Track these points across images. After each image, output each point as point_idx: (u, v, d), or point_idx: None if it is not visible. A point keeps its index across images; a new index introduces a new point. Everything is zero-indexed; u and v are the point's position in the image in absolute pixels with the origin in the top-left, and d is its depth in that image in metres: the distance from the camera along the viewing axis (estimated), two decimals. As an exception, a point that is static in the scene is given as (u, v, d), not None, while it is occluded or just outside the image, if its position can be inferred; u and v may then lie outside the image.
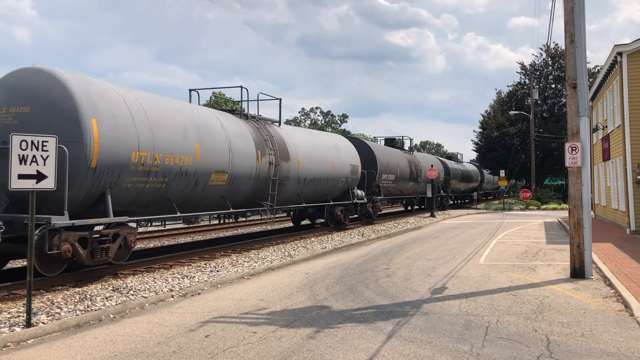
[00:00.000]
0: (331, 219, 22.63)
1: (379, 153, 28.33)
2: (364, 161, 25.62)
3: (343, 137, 26.36)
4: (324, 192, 21.62)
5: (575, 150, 11.40)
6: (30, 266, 8.02)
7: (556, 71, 53.49)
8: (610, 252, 14.68)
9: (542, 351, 6.50)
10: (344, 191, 23.41)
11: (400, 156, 32.49)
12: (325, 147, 21.84)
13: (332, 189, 22.16)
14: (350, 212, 24.14)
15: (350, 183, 23.53)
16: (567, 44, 11.56)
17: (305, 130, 26.36)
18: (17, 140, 7.68)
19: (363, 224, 26.23)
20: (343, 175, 22.65)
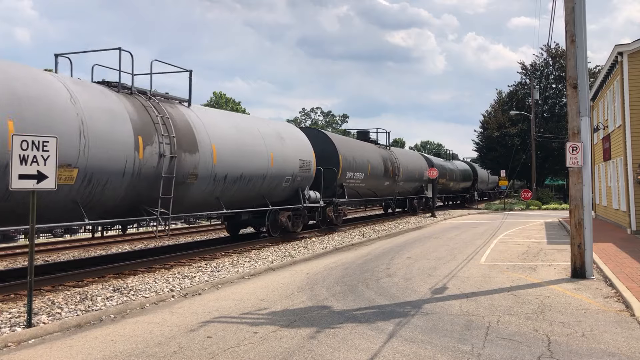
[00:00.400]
0: (275, 228, 18.73)
1: (342, 147, 23.86)
2: (323, 156, 21.82)
3: (291, 126, 22.22)
4: (261, 195, 17.36)
5: (576, 150, 11.40)
6: (31, 266, 8.02)
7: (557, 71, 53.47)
8: (611, 252, 14.67)
9: (543, 351, 6.50)
10: (291, 193, 19.36)
11: (372, 151, 27.73)
12: (261, 137, 17.24)
13: (273, 190, 17.97)
14: (301, 218, 20.13)
15: (300, 182, 19.46)
16: (568, 44, 11.56)
17: (233, 114, 19.41)
18: (18, 141, 7.68)
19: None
20: (288, 172, 18.50)
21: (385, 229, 24.24)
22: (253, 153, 16.46)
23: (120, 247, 18.39)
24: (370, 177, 26.38)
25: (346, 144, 25.26)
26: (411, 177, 33.38)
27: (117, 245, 18.82)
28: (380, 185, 28.41)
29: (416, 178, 34.51)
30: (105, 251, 17.07)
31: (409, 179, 33.08)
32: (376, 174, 27.23)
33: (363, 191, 26.51)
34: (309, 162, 20.06)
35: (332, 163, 22.40)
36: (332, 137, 23.84)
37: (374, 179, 27.16)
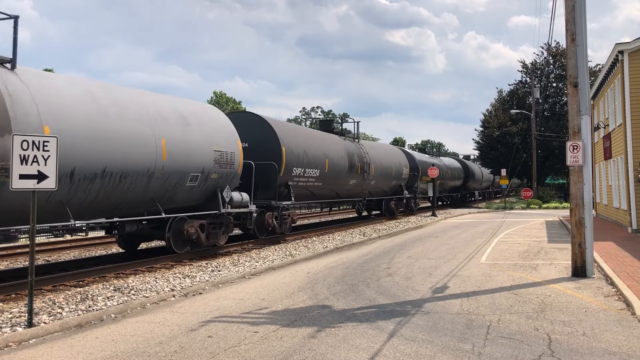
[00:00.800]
0: (180, 241, 14.17)
1: (287, 136, 19.14)
2: (259, 148, 17.91)
3: (206, 105, 16.75)
4: (150, 198, 12.83)
5: (577, 149, 11.39)
6: (32, 266, 8.02)
7: (557, 70, 53.46)
8: (612, 251, 14.67)
9: (544, 350, 6.50)
10: (206, 195, 14.81)
11: (333, 144, 22.97)
12: (147, 117, 12.63)
13: (171, 191, 13.37)
14: (222, 228, 15.47)
15: (217, 181, 14.81)
16: (568, 42, 11.55)
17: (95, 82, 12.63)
18: (18, 141, 7.69)
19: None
20: (195, 168, 13.80)
21: (386, 229, 24.23)
22: (127, 140, 11.79)
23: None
24: (329, 175, 21.69)
25: (293, 132, 20.50)
26: (386, 175, 28.88)
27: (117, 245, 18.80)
28: (343, 185, 23.78)
29: (393, 176, 29.85)
30: (106, 251, 17.07)
31: (384, 177, 28.50)
32: (337, 171, 22.60)
33: (320, 191, 21.80)
34: (230, 154, 15.11)
35: (272, 156, 18.04)
36: (273, 123, 18.97)
37: (335, 177, 22.45)
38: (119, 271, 12.43)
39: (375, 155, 27.46)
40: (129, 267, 12.80)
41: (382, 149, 30.77)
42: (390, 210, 30.61)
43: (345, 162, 23.63)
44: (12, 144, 7.65)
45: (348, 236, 20.70)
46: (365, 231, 22.66)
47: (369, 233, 21.90)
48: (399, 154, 32.57)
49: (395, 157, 31.23)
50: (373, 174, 26.65)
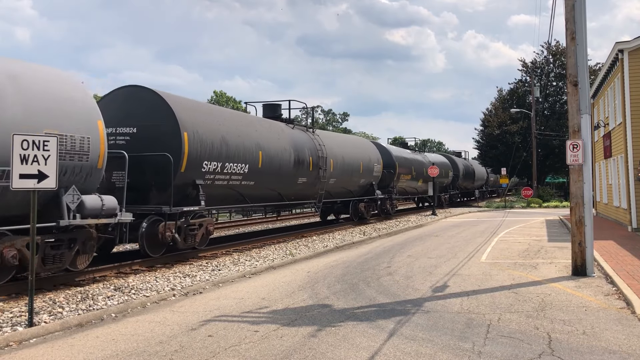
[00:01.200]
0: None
1: (191, 117, 14.14)
2: (149, 132, 13.51)
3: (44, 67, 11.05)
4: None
5: (577, 148, 11.39)
6: (32, 265, 8.03)
7: (557, 69, 53.47)
8: (612, 249, 14.67)
9: (544, 349, 6.50)
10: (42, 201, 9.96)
11: (272, 132, 18.15)
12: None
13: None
14: (73, 246, 10.92)
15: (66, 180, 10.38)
16: (568, 41, 11.55)
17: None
18: (18, 140, 7.69)
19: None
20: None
21: (386, 228, 24.23)
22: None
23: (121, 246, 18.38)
24: (264, 171, 16.97)
25: (203, 114, 14.98)
26: (351, 172, 24.11)
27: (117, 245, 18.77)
28: (289, 184, 19.06)
29: (361, 173, 25.06)
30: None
31: (348, 175, 23.74)
32: (277, 167, 17.77)
33: (252, 192, 16.89)
34: (81, 141, 10.64)
35: (167, 145, 13.32)
36: (170, 100, 13.89)
37: (274, 175, 17.71)
38: (119, 270, 12.43)
39: (335, 148, 22.72)
40: (129, 267, 12.80)
41: (346, 141, 25.59)
42: (359, 214, 25.83)
43: (291, 156, 18.76)
44: (12, 144, 7.65)
45: (348, 235, 20.70)
46: (366, 230, 22.66)
47: (369, 232, 21.90)
48: (368, 147, 27.49)
49: (363, 151, 26.15)
50: (332, 170, 21.90)
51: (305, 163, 19.92)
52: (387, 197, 29.09)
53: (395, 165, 29.55)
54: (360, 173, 25.11)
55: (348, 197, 25.02)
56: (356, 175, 24.84)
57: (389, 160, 29.29)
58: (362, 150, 26.20)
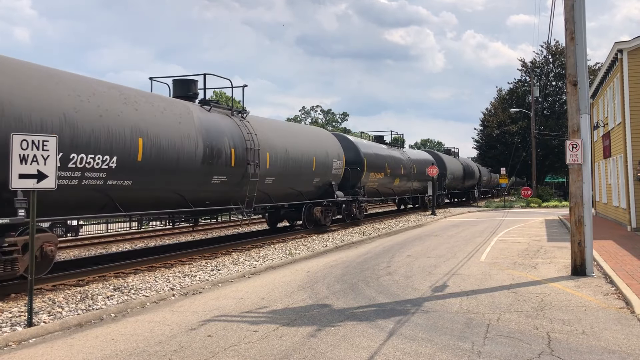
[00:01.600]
0: None
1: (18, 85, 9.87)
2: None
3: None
4: None
5: (576, 148, 11.39)
6: (32, 265, 8.03)
7: (557, 68, 53.51)
8: (611, 249, 14.68)
9: (543, 349, 6.51)
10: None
11: (169, 113, 13.56)
12: None
13: None
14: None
15: None
16: (568, 41, 11.56)
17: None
18: (18, 140, 7.69)
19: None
20: None
21: (386, 227, 24.22)
22: None
23: (121, 246, 18.40)
24: (146, 167, 12.48)
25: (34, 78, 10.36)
26: (299, 169, 19.32)
27: (117, 244, 18.82)
28: (196, 184, 14.28)
29: (314, 171, 20.38)
30: (106, 250, 17.07)
31: (295, 173, 18.99)
32: (171, 160, 13.17)
33: (127, 195, 12.32)
34: None
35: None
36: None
37: (167, 171, 13.16)
38: (118, 270, 12.43)
39: (275, 138, 17.95)
40: (128, 267, 12.80)
41: (291, 131, 20.55)
42: (315, 220, 21.20)
43: (198, 147, 13.99)
44: (12, 143, 7.65)
45: (348, 235, 20.70)
46: (365, 230, 22.66)
47: (369, 232, 21.90)
48: (326, 139, 22.68)
49: (318, 143, 21.35)
50: (269, 167, 17.24)
51: (223, 156, 14.95)
52: (352, 200, 24.22)
53: (363, 162, 24.96)
54: (313, 171, 20.36)
55: (299, 200, 20.17)
56: (307, 173, 20.02)
57: (355, 156, 24.63)
58: (317, 143, 21.18)
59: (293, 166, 18.98)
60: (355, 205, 24.73)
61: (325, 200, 22.03)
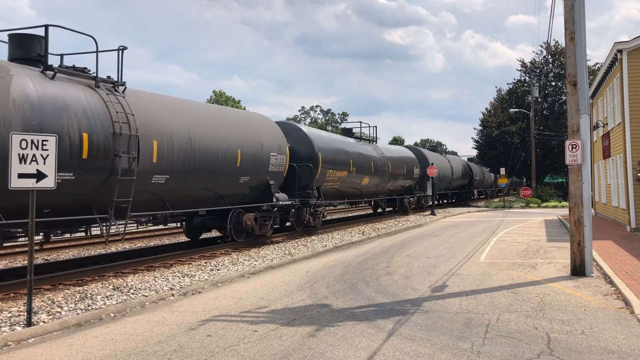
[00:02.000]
0: None
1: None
2: None
3: None
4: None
5: (576, 148, 11.39)
6: (31, 265, 8.02)
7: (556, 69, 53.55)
8: (611, 249, 14.68)
9: (543, 349, 6.50)
10: None
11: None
12: None
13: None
14: None
15: None
16: (567, 41, 11.56)
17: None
18: (17, 139, 7.68)
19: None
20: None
21: (385, 227, 24.22)
22: None
23: (120, 245, 18.38)
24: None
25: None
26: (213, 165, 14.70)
27: (117, 244, 18.79)
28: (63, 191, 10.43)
29: (239, 167, 15.81)
30: (105, 250, 17.05)
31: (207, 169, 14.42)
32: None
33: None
34: None
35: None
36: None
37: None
38: (118, 270, 12.42)
39: (168, 121, 13.33)
40: (128, 266, 12.80)
41: (205, 112, 15.50)
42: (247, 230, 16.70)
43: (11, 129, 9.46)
44: (11, 143, 7.64)
45: (347, 235, 20.70)
46: (365, 230, 22.66)
47: (368, 232, 21.90)
48: (262, 127, 17.70)
49: (247, 131, 16.55)
50: (156, 161, 12.82)
51: (65, 145, 10.47)
52: (304, 204, 20.19)
53: (316, 157, 20.18)
54: (238, 167, 15.72)
55: (220, 205, 15.82)
56: (229, 171, 15.41)
57: (308, 150, 20.17)
58: (245, 131, 16.43)
59: (202, 160, 14.17)
60: (309, 211, 20.44)
61: (267, 205, 17.39)
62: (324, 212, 22.10)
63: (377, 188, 27.74)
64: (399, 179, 30.55)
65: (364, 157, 25.41)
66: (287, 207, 19.00)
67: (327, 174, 21.42)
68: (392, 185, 30.01)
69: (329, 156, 21.48)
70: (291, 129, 20.64)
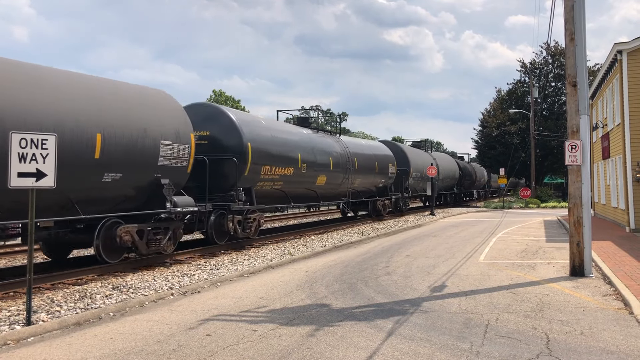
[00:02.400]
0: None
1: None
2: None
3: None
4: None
5: (575, 149, 11.39)
6: (30, 264, 8.02)
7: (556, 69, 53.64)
8: (610, 250, 14.69)
9: (542, 349, 6.51)
10: None
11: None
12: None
13: None
14: None
15: None
16: (567, 42, 11.56)
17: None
18: (17, 139, 7.68)
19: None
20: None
21: (385, 227, 24.22)
22: None
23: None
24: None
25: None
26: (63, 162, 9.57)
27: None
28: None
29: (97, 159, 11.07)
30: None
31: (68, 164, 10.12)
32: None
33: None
34: None
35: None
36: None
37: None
38: (117, 269, 12.41)
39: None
40: (127, 266, 12.78)
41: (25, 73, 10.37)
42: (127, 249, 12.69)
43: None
44: (11, 142, 7.64)
45: (347, 235, 20.70)
46: (364, 230, 22.66)
47: (367, 232, 21.90)
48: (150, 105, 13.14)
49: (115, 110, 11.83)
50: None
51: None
52: (223, 209, 15.64)
53: (245, 150, 15.90)
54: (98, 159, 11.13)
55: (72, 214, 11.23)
56: (78, 164, 10.74)
57: (234, 140, 15.94)
58: (113, 106, 11.85)
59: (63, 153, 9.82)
60: (235, 219, 15.96)
61: (164, 213, 13.26)
62: (259, 220, 17.49)
63: (339, 189, 23.26)
64: (369, 178, 25.96)
65: (320, 152, 21.05)
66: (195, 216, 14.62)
67: (262, 171, 16.88)
68: (361, 185, 25.49)
69: (265, 149, 17.05)
70: (214, 113, 16.34)
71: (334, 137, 24.12)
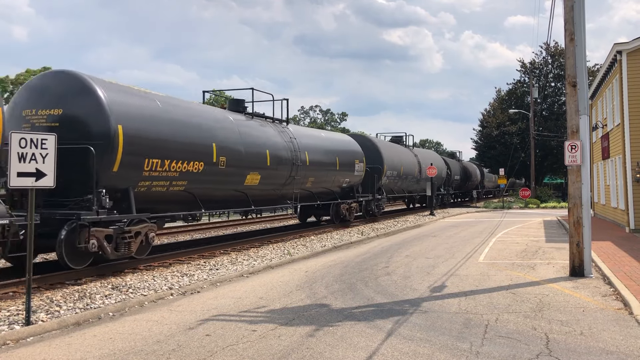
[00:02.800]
0: None
1: None
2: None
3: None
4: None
5: (575, 149, 11.39)
6: (30, 264, 8.01)
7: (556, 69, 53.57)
8: (610, 250, 14.68)
9: (542, 349, 6.51)
10: None
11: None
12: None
13: None
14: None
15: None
16: (567, 42, 11.56)
17: None
18: (16, 138, 7.68)
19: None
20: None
21: (385, 227, 24.22)
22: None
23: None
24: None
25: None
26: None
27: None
28: None
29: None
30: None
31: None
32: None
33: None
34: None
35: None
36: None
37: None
38: (116, 269, 12.40)
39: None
40: (126, 266, 12.77)
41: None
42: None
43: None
44: (10, 142, 7.64)
45: (346, 235, 20.70)
46: (364, 230, 22.65)
47: (367, 232, 21.90)
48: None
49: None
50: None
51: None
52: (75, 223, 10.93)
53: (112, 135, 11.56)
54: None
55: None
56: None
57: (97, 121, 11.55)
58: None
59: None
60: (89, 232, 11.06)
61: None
62: (148, 234, 12.71)
63: (283, 190, 18.82)
64: (327, 176, 21.67)
65: (251, 143, 16.58)
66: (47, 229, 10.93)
67: (145, 165, 12.42)
68: (316, 185, 21.03)
69: (152, 136, 12.61)
70: (72, 86, 11.81)
71: (278, 125, 19.29)
